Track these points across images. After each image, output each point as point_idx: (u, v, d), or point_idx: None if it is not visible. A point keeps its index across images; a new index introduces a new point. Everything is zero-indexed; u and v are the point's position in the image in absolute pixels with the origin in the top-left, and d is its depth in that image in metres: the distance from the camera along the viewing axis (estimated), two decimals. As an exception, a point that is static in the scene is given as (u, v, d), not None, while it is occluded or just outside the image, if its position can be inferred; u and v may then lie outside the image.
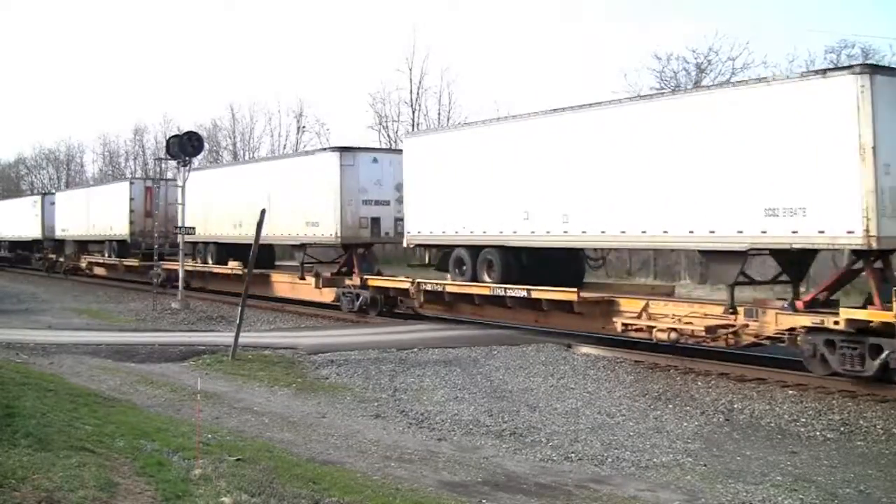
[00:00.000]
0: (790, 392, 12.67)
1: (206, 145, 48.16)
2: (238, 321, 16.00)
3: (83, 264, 40.69)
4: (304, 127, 57.76)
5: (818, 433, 10.71)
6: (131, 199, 34.60)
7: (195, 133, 29.77)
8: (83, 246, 41.20)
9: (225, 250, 28.78)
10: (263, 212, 16.35)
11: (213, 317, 24.44)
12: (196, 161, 31.02)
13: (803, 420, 11.27)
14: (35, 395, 9.59)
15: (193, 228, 27.75)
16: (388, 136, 52.61)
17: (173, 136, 29.50)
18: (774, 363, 14.17)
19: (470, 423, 11.08)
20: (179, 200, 27.46)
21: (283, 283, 26.62)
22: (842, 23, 67.49)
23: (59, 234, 42.98)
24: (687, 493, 8.27)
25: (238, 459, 7.81)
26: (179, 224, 27.46)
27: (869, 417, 11.23)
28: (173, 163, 29.12)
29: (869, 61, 31.92)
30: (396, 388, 13.35)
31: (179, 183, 27.72)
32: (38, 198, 48.10)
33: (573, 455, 9.64)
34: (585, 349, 16.38)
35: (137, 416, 10.04)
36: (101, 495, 5.78)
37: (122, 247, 35.78)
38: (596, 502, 7.96)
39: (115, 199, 36.01)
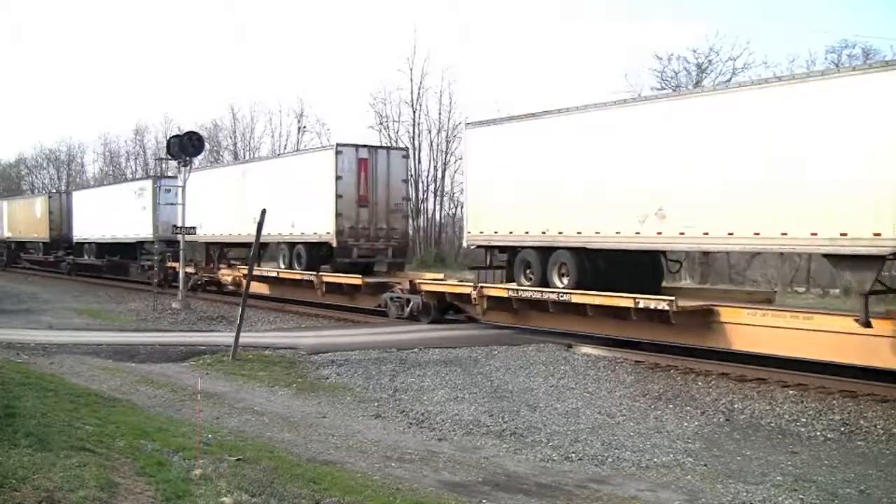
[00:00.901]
0: (790, 392, 12.67)
1: (207, 145, 48.12)
2: (238, 321, 16.00)
3: (227, 278, 27.92)
4: (304, 127, 57.78)
5: (818, 433, 10.71)
6: (338, 178, 22.27)
7: (196, 133, 29.74)
8: (221, 250, 29.34)
9: (603, 263, 17.05)
10: (264, 212, 16.30)
11: (214, 317, 24.42)
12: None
13: (804, 420, 11.27)
14: (35, 396, 9.59)
15: (194, 228, 27.41)
16: (389, 136, 52.61)
17: (174, 136, 29.46)
18: (775, 363, 14.15)
19: (470, 423, 11.08)
20: (179, 200, 27.22)
21: (777, 332, 13.96)
22: (842, 23, 67.56)
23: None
24: (687, 493, 8.27)
25: (238, 459, 7.81)
26: (179, 224, 27.37)
27: (869, 417, 11.24)
28: (174, 163, 29.06)
29: (869, 62, 31.87)
30: (397, 388, 13.35)
31: (179, 183, 27.62)
32: (148, 182, 34.73)
33: (573, 455, 9.64)
34: (586, 349, 16.38)
35: (138, 416, 10.03)
36: (102, 495, 5.78)
37: (313, 253, 23.96)
38: (596, 502, 7.96)
39: (307, 177, 23.42)
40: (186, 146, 27.37)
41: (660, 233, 15.28)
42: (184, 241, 27.47)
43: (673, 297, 15.18)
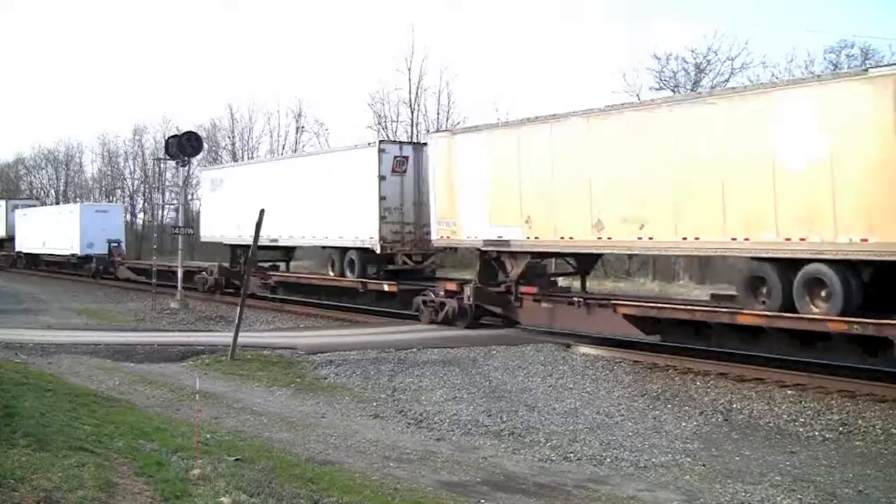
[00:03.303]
0: (789, 392, 12.68)
1: (206, 145, 48.04)
2: (237, 321, 16.00)
3: None
4: (303, 127, 57.65)
5: (817, 433, 10.72)
6: None
7: (194, 133, 29.70)
8: None
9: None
10: (262, 212, 16.27)
11: (212, 317, 24.41)
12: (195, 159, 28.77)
13: (802, 420, 11.28)
14: (34, 395, 9.58)
15: (191, 229, 27.41)
16: (388, 136, 52.59)
17: (172, 136, 29.46)
18: (773, 363, 14.16)
19: (469, 423, 11.08)
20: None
21: None
22: (842, 23, 67.64)
23: None
24: (686, 493, 8.27)
25: (237, 459, 7.81)
26: (180, 224, 27.33)
27: (868, 417, 11.24)
28: (172, 163, 29.04)
29: (868, 62, 32.03)
30: (395, 388, 13.35)
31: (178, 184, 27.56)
32: None
33: (572, 455, 9.64)
34: (584, 349, 16.38)
35: (136, 415, 10.03)
36: (100, 495, 5.78)
37: None
38: (595, 502, 7.96)
39: None
40: (185, 146, 27.38)
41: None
42: (182, 241, 27.42)
43: None
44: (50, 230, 42.17)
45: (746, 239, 13.82)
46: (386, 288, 22.26)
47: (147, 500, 5.99)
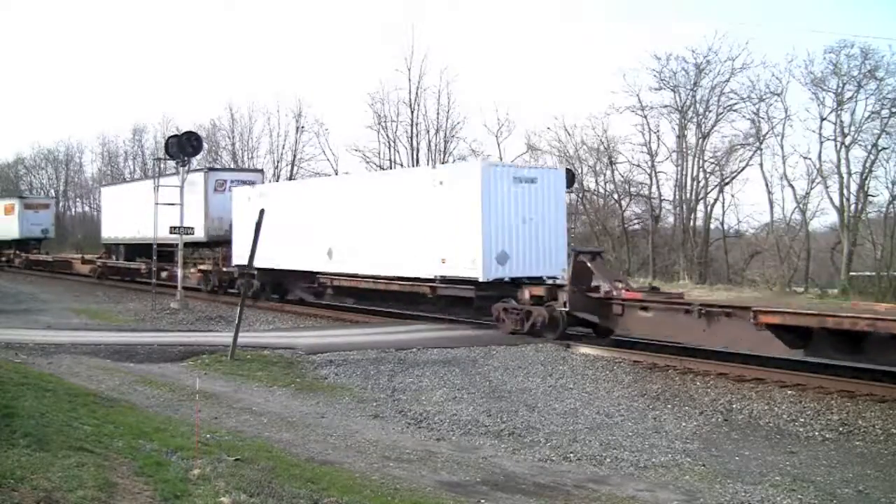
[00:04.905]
0: (789, 392, 12.68)
1: (206, 145, 47.96)
2: (237, 321, 15.99)
3: None
4: (303, 127, 57.60)
5: (817, 433, 10.72)
6: None
7: (194, 133, 29.63)
8: None
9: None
10: (262, 212, 16.30)
11: (212, 317, 24.39)
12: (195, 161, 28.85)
13: (802, 420, 11.28)
14: (34, 395, 9.58)
15: (192, 228, 27.28)
16: (388, 136, 52.61)
17: (172, 136, 29.37)
18: (773, 363, 14.17)
19: (468, 423, 11.08)
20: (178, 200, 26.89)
21: None
22: (842, 23, 67.67)
23: None
24: (685, 493, 8.27)
25: (237, 459, 7.81)
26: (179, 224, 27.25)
27: (868, 418, 11.25)
28: (172, 163, 29.00)
29: (868, 62, 32.19)
30: (395, 388, 13.35)
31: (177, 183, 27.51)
32: None
33: (572, 455, 9.65)
34: (584, 349, 16.38)
35: (136, 416, 10.03)
36: (100, 495, 5.78)
37: None
38: (594, 502, 7.96)
39: None
40: (185, 146, 27.32)
41: None
42: (182, 242, 27.39)
43: None
44: (355, 229, 21.71)
45: None
46: None
47: (147, 500, 5.99)
